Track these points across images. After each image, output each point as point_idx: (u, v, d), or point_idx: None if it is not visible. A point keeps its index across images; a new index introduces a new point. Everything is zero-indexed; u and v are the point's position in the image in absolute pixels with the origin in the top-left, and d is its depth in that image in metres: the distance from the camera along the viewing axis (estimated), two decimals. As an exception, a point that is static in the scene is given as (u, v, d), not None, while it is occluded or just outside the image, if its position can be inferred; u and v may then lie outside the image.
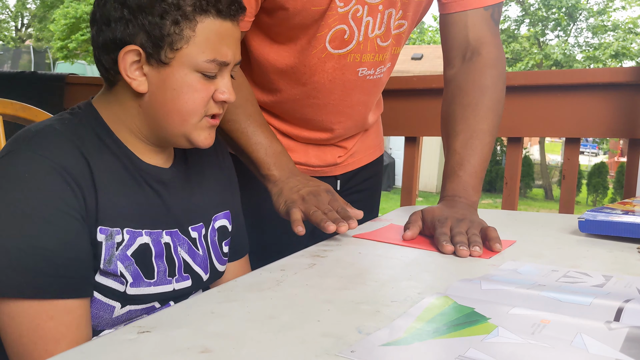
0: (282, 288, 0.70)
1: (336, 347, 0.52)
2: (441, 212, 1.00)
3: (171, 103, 0.87)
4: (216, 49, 0.87)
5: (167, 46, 0.85)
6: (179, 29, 0.84)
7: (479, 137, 1.13)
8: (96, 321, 0.84)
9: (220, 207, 1.03)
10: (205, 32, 0.86)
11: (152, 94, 0.87)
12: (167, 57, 0.85)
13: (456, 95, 1.19)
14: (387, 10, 1.13)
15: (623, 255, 0.92)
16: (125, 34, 0.84)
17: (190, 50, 0.85)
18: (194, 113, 0.89)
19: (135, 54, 0.85)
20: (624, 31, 18.66)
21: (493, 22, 1.21)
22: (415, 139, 2.24)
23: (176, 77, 0.86)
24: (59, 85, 2.98)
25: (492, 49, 1.19)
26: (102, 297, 0.84)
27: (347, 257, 0.86)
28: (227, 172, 1.08)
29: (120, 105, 0.89)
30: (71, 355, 0.50)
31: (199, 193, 0.99)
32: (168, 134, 0.90)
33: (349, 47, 1.14)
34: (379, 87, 1.27)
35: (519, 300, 0.65)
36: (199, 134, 0.91)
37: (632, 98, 1.84)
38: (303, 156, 1.28)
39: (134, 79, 0.86)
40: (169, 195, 0.94)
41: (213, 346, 0.52)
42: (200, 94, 0.88)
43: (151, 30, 0.84)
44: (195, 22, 0.85)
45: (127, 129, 0.90)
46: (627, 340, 0.53)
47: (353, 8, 1.10)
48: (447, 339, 0.54)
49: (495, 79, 1.18)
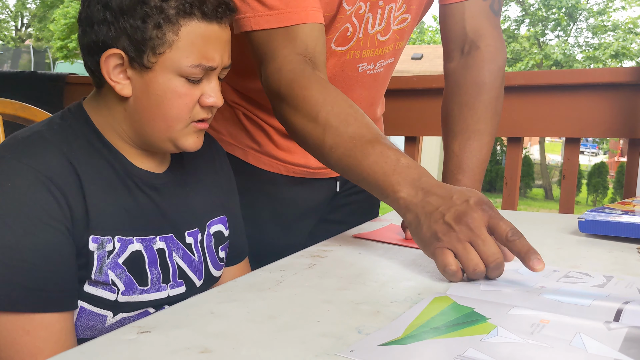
0: (281, 288, 0.70)
1: (336, 347, 0.52)
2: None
3: (155, 108, 0.85)
4: (201, 53, 0.84)
5: (149, 50, 0.82)
6: (161, 32, 0.82)
7: (477, 138, 1.12)
8: (89, 332, 0.83)
9: (215, 213, 1.01)
10: (190, 36, 0.83)
11: (137, 98, 0.85)
12: (149, 62, 0.83)
13: (454, 93, 1.18)
14: (387, 5, 1.13)
15: (623, 255, 0.92)
16: (108, 37, 0.82)
17: (173, 54, 0.83)
18: (178, 119, 0.86)
19: (118, 58, 0.83)
20: (624, 31, 18.67)
21: (492, 13, 1.18)
22: (415, 139, 2.24)
23: (159, 81, 0.84)
24: (59, 85, 2.98)
25: (490, 42, 1.17)
26: (92, 307, 0.82)
27: (347, 257, 0.86)
28: (224, 177, 1.06)
29: (108, 109, 0.88)
30: (71, 355, 0.50)
31: (194, 198, 0.97)
32: (154, 139, 0.88)
33: (349, 44, 1.13)
34: (379, 82, 1.25)
35: (518, 300, 0.65)
36: (185, 139, 0.88)
37: (632, 98, 1.84)
38: (302, 158, 1.26)
39: (117, 83, 0.84)
40: (163, 200, 0.92)
41: (213, 346, 0.52)
42: (185, 100, 0.85)
43: (133, 33, 0.81)
44: (178, 25, 0.82)
45: (116, 133, 0.88)
46: (626, 340, 0.53)
47: (356, 6, 1.09)
48: (446, 338, 0.54)
49: (493, 74, 1.16)
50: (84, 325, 0.83)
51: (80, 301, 0.81)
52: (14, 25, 30.00)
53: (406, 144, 2.27)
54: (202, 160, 1.02)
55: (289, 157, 1.24)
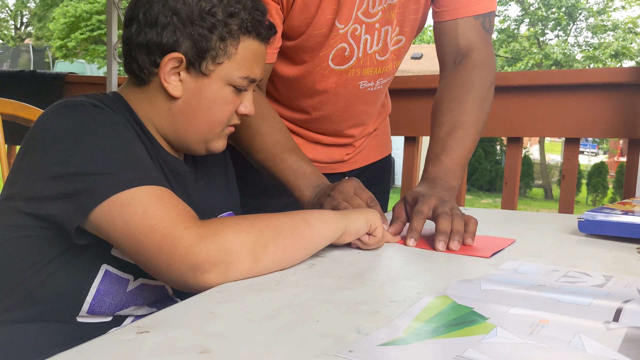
0: (281, 288, 0.70)
1: (335, 347, 0.52)
2: (423, 191, 1.03)
3: (203, 111, 0.93)
4: (250, 67, 0.94)
5: (209, 58, 0.90)
6: (224, 44, 0.90)
7: (462, 127, 1.16)
8: (110, 297, 0.85)
9: (224, 208, 1.06)
10: (245, 51, 0.92)
11: (186, 100, 0.92)
12: (207, 69, 0.91)
13: (444, 91, 1.24)
14: (383, 27, 1.20)
15: (622, 255, 0.92)
16: (172, 41, 0.89)
17: (230, 65, 0.92)
18: (220, 123, 0.95)
19: (177, 61, 0.90)
20: (624, 31, 18.68)
21: (484, 30, 1.25)
22: (415, 139, 2.24)
23: (212, 88, 0.92)
24: (59, 84, 2.99)
25: (481, 54, 1.24)
26: (116, 270, 0.85)
27: (347, 257, 0.86)
28: (230, 175, 1.13)
29: (151, 104, 0.93)
30: (70, 355, 0.50)
31: (206, 193, 1.03)
32: (190, 140, 0.95)
33: (349, 64, 1.22)
34: (379, 97, 1.34)
35: (518, 300, 0.65)
36: (217, 142, 0.98)
37: (632, 98, 1.84)
38: (311, 152, 1.34)
39: (170, 83, 0.91)
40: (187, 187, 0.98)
41: (212, 346, 0.52)
42: (229, 107, 0.95)
43: (198, 41, 0.89)
44: (238, 40, 0.91)
45: (153, 127, 0.95)
46: (626, 341, 0.53)
47: (352, 27, 1.17)
48: (446, 338, 0.54)
49: (482, 78, 1.22)
50: (106, 290, 0.85)
51: (105, 264, 0.85)
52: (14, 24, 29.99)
53: (406, 144, 2.27)
54: (214, 163, 1.09)
55: None
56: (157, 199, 0.76)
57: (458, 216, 0.96)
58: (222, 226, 0.75)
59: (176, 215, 0.75)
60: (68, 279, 0.83)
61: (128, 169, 0.78)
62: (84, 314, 0.85)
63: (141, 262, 0.77)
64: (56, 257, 0.83)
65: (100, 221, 0.76)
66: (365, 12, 1.16)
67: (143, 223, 0.74)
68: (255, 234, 0.75)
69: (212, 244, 0.72)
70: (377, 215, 0.90)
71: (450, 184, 1.10)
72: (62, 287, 0.83)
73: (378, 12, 1.18)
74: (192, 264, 0.71)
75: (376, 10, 1.17)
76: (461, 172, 1.14)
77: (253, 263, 0.73)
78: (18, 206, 0.82)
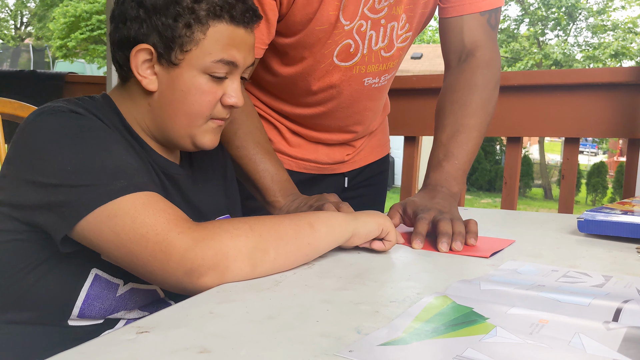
0: (281, 288, 0.70)
1: (335, 347, 0.52)
2: (423, 203, 1.03)
3: (179, 103, 0.90)
4: (224, 50, 0.89)
5: (177, 47, 0.87)
6: (190, 31, 0.87)
7: (465, 131, 1.16)
8: (100, 302, 0.85)
9: (222, 211, 1.05)
10: (216, 36, 0.88)
11: (161, 93, 0.90)
12: (177, 59, 0.88)
13: (447, 93, 1.23)
14: (389, 24, 1.19)
15: (622, 255, 0.92)
16: (139, 33, 0.87)
17: (199, 52, 0.88)
18: (200, 115, 0.91)
19: (147, 53, 0.88)
20: (624, 31, 18.67)
21: (489, 27, 1.24)
22: (415, 139, 2.24)
23: (184, 78, 0.88)
24: (58, 84, 2.98)
25: (486, 52, 1.23)
26: (106, 274, 0.85)
27: (347, 257, 0.86)
28: (230, 176, 1.12)
29: (133, 101, 0.92)
30: (70, 355, 0.50)
31: (202, 195, 1.01)
32: (174, 134, 0.92)
33: (354, 60, 1.20)
34: (383, 93, 1.34)
35: (517, 300, 0.65)
36: (203, 136, 0.93)
37: (632, 98, 1.84)
38: (313, 153, 1.33)
39: (144, 77, 0.89)
40: (181, 189, 0.97)
41: (212, 346, 0.52)
42: (207, 97, 0.90)
43: (163, 31, 0.86)
44: (207, 26, 0.87)
45: (139, 126, 0.93)
46: (625, 341, 0.53)
47: (357, 23, 1.16)
48: (446, 338, 0.54)
49: (486, 78, 1.21)
50: (96, 294, 0.85)
51: (95, 269, 0.84)
52: (14, 24, 29.99)
53: (406, 144, 2.26)
54: (212, 164, 1.07)
55: (299, 153, 1.33)
56: (144, 206, 0.75)
57: (458, 219, 0.97)
58: (218, 230, 0.74)
59: (167, 220, 0.74)
60: (58, 283, 0.83)
61: (110, 178, 0.77)
62: (75, 317, 0.84)
63: (135, 270, 0.76)
64: (45, 261, 0.82)
65: (87, 233, 0.76)
66: (371, 8, 1.15)
67: (134, 233, 0.74)
68: (255, 239, 0.74)
69: (208, 247, 0.71)
70: (388, 219, 0.89)
71: (451, 191, 1.10)
72: (52, 290, 0.82)
73: (384, 7, 1.16)
74: (188, 269, 0.71)
75: (382, 6, 1.16)
76: (463, 177, 1.14)
77: (251, 268, 0.73)
78: (6, 212, 0.81)
